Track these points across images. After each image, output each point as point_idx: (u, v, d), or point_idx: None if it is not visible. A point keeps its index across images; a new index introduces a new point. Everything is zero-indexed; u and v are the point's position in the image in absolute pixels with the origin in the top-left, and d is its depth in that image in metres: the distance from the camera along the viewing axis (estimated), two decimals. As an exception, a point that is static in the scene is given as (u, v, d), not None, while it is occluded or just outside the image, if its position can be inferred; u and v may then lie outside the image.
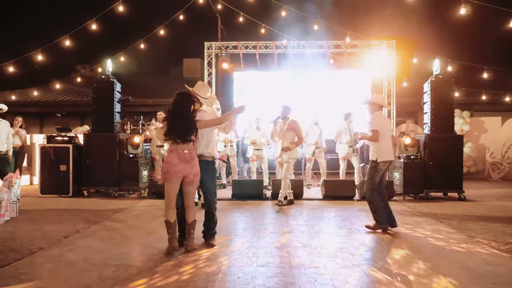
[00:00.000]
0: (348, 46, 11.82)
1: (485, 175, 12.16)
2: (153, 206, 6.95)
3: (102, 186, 8.05)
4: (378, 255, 4.14)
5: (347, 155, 9.06)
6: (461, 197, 7.87)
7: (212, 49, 12.07)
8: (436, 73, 8.23)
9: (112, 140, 7.95)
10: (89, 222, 5.52)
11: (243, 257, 4.03)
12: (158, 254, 4.06)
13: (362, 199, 7.66)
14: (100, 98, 8.11)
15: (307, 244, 4.50)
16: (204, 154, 4.50)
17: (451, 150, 7.91)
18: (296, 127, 7.11)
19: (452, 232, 5.14)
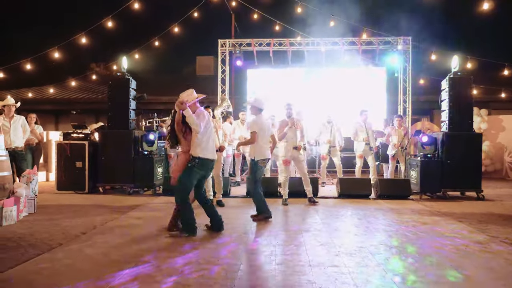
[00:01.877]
0: (363, 43, 11.70)
1: (503, 174, 11.92)
2: (169, 203, 6.95)
3: (117, 183, 8.11)
4: (399, 254, 4.06)
5: (364, 153, 8.98)
6: (480, 197, 7.71)
7: (226, 47, 12.07)
8: (455, 70, 8.06)
9: (127, 137, 7.99)
10: (106, 219, 5.55)
11: (261, 255, 3.99)
12: (176, 251, 4.05)
13: (378, 198, 7.59)
14: (115, 95, 8.15)
15: (325, 243, 4.44)
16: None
17: (470, 149, 7.75)
18: (300, 125, 7.11)
19: (472, 232, 5.02)
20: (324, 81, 12.08)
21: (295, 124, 6.94)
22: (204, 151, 4.69)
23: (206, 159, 4.72)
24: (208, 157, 4.74)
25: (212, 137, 4.85)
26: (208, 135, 4.76)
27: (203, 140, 4.68)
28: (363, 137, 8.95)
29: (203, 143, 4.69)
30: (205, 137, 4.70)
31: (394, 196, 7.57)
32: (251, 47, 11.88)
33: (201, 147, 4.68)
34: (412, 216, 6.00)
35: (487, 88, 12.07)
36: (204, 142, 4.69)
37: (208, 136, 4.74)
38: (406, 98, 12.01)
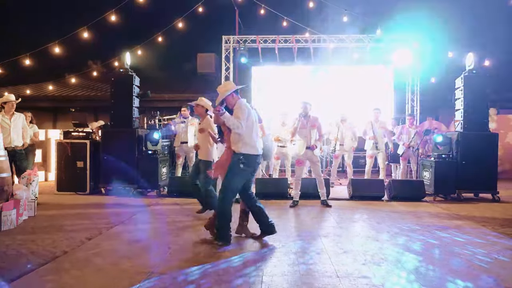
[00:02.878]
0: (371, 41, 11.42)
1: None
2: (175, 205, 6.68)
3: (120, 183, 7.77)
4: (430, 263, 3.78)
5: (373, 152, 8.73)
6: (495, 198, 7.49)
7: (230, 43, 11.77)
8: (470, 68, 7.81)
9: (131, 136, 7.68)
10: (111, 222, 5.24)
11: (283, 264, 3.71)
12: (191, 259, 3.76)
13: (392, 200, 7.33)
14: (118, 92, 7.83)
15: (348, 250, 4.16)
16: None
17: (485, 149, 7.51)
18: (318, 124, 6.83)
19: (500, 238, 4.76)
20: (331, 79, 11.79)
21: (312, 123, 6.68)
22: (247, 146, 4.28)
23: (251, 155, 4.30)
24: (252, 152, 4.32)
25: (255, 130, 4.39)
26: (250, 128, 4.32)
27: (245, 135, 4.27)
28: (370, 136, 8.72)
29: (245, 137, 4.28)
30: (247, 131, 4.28)
31: (408, 197, 7.32)
32: (256, 43, 11.57)
33: (243, 142, 4.28)
34: (431, 220, 5.74)
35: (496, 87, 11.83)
36: (246, 136, 4.28)
37: (250, 130, 4.31)
38: (414, 97, 11.75)
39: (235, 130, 4.20)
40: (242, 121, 4.19)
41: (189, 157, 8.68)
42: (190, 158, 8.67)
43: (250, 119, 4.33)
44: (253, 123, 4.37)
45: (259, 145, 4.41)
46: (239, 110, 4.26)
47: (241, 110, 4.25)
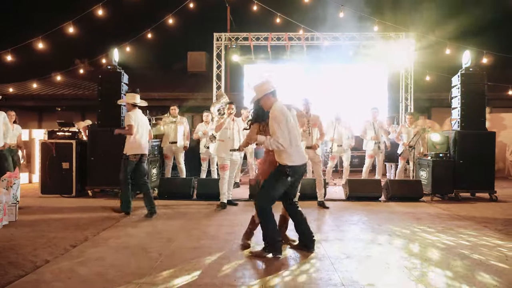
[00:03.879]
0: (365, 39, 11.27)
1: (505, 173, 11.66)
2: (166, 207, 6.38)
3: (108, 185, 7.45)
4: (437, 269, 3.58)
5: (374, 152, 8.56)
6: (493, 198, 7.38)
7: (222, 41, 11.50)
8: (466, 65, 7.67)
9: (119, 136, 7.29)
10: (98, 227, 4.94)
11: (284, 271, 3.47)
12: (184, 268, 3.49)
13: (389, 200, 7.15)
14: (106, 90, 7.49)
15: (351, 255, 3.94)
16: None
17: (483, 148, 7.40)
18: (319, 122, 6.66)
19: (504, 239, 4.60)
20: (324, 77, 11.61)
21: (313, 122, 6.51)
22: (292, 157, 3.83)
23: (296, 166, 3.86)
24: (297, 163, 3.85)
25: (295, 136, 3.87)
26: (291, 136, 3.81)
27: (287, 146, 3.78)
28: (371, 136, 8.56)
29: (287, 148, 3.79)
30: (288, 142, 3.78)
31: (405, 198, 7.16)
32: (248, 41, 11.33)
33: (287, 153, 3.82)
34: (432, 221, 5.56)
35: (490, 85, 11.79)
36: (288, 147, 3.79)
37: (290, 139, 3.80)
38: (407, 95, 11.64)
39: (277, 150, 3.83)
40: (280, 137, 3.71)
41: (177, 157, 8.39)
42: (179, 158, 8.38)
43: (289, 126, 3.81)
44: (292, 129, 3.85)
45: (302, 153, 3.96)
46: (274, 121, 3.75)
47: (276, 122, 3.74)
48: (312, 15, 11.13)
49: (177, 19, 10.75)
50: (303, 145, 6.31)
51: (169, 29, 10.77)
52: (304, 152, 4.12)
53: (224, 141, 6.32)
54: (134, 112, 5.83)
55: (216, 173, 8.77)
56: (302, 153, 4.00)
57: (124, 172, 5.70)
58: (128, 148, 5.74)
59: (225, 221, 5.46)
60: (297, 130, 3.98)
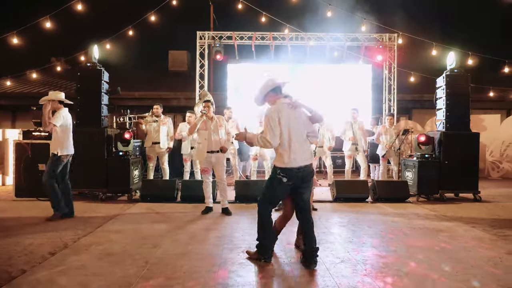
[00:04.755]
0: (349, 39, 11.27)
1: (485, 173, 11.86)
2: (150, 211, 6.14)
3: (87, 187, 7.15)
4: (435, 273, 3.50)
5: (352, 153, 8.55)
6: (477, 198, 7.45)
7: (205, 39, 11.28)
8: (451, 66, 7.73)
9: (99, 136, 7.06)
10: (78, 233, 4.67)
11: (278, 278, 3.32)
12: (173, 276, 3.29)
13: (376, 201, 7.12)
14: (85, 88, 7.18)
15: (345, 259, 3.82)
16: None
17: (467, 149, 7.48)
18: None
19: (495, 240, 4.59)
20: (308, 77, 11.54)
21: None
22: (282, 158, 3.65)
23: (289, 168, 3.62)
24: (291, 165, 3.61)
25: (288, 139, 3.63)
26: (284, 138, 3.63)
27: (278, 147, 3.65)
28: (350, 136, 8.54)
29: (278, 149, 3.67)
30: (280, 142, 3.63)
31: (392, 198, 7.14)
32: (232, 40, 11.15)
33: (278, 153, 3.70)
34: (422, 222, 5.53)
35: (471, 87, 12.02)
36: (279, 148, 3.65)
37: (283, 140, 3.62)
38: (391, 96, 11.71)
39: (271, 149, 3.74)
40: (268, 134, 3.59)
41: (161, 158, 8.13)
42: (162, 159, 8.13)
43: (283, 125, 3.62)
44: (288, 129, 3.62)
45: (299, 155, 3.64)
46: (265, 118, 3.67)
47: (267, 119, 3.64)
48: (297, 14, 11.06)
49: (159, 17, 10.47)
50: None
51: (151, 26, 10.47)
52: (305, 156, 3.69)
53: (202, 143, 5.90)
54: (63, 111, 5.58)
55: (200, 175, 8.55)
56: (301, 156, 3.65)
57: (52, 172, 5.47)
58: (60, 147, 5.50)
59: (212, 224, 5.27)
60: (298, 131, 3.69)
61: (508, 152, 11.69)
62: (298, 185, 3.67)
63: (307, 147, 3.76)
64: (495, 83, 12.68)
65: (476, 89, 11.93)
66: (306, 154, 3.71)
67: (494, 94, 11.92)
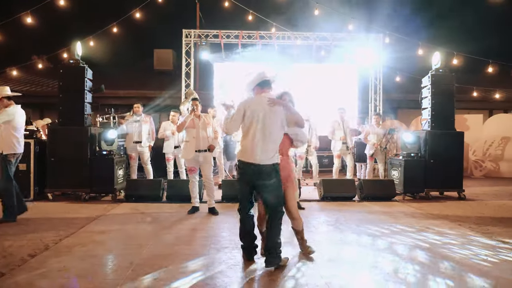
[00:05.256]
0: (336, 39, 11.30)
1: (468, 172, 12.05)
2: (135, 211, 6.01)
3: (70, 188, 6.96)
4: (424, 271, 3.50)
5: (342, 152, 8.55)
6: (461, 196, 7.53)
7: (191, 38, 11.16)
8: (436, 66, 7.81)
9: (82, 135, 6.88)
10: (60, 234, 4.52)
11: (264, 278, 3.26)
12: (159, 278, 3.21)
13: (363, 200, 7.13)
14: (67, 86, 6.98)
15: (333, 258, 3.80)
16: None
17: (453, 148, 7.55)
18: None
19: (479, 237, 4.64)
20: (296, 76, 11.52)
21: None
22: (241, 150, 3.65)
23: (242, 161, 3.61)
24: (244, 158, 3.57)
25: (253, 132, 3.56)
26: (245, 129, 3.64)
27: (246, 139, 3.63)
28: (340, 136, 8.55)
29: (241, 140, 3.72)
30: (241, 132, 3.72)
31: (379, 197, 7.17)
32: (219, 38, 11.06)
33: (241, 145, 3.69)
34: (409, 220, 5.56)
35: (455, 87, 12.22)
36: (241, 139, 3.72)
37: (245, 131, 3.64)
38: (376, 96, 11.79)
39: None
40: (228, 121, 3.69)
41: (143, 158, 7.99)
42: (144, 159, 7.99)
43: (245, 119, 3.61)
44: (255, 125, 3.54)
45: (259, 152, 3.50)
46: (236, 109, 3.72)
47: (235, 110, 3.70)
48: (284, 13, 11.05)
49: (144, 14, 10.31)
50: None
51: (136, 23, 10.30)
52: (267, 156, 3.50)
53: (189, 142, 5.78)
54: (11, 108, 5.26)
55: (184, 174, 8.44)
56: (261, 153, 3.49)
57: (8, 173, 5.16)
58: (6, 146, 5.15)
59: (199, 224, 5.19)
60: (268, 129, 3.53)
61: (490, 152, 11.91)
62: (254, 183, 3.57)
63: (272, 147, 3.55)
64: (478, 84, 12.92)
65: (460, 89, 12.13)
66: (268, 154, 3.51)
67: (477, 94, 12.11)
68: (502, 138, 11.82)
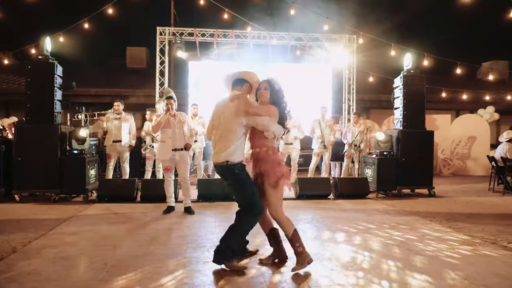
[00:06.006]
0: (310, 40, 11.41)
1: (437, 170, 12.46)
2: (108, 211, 5.85)
3: (38, 188, 6.70)
4: (401, 266, 3.57)
5: (320, 150, 8.64)
6: (431, 193, 7.77)
7: (165, 35, 10.98)
8: (408, 67, 8.02)
9: (52, 134, 6.64)
10: (29, 236, 4.34)
11: (246, 275, 3.24)
12: (135, 278, 3.12)
13: (338, 198, 7.23)
14: (36, 83, 6.72)
15: (313, 255, 3.79)
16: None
17: (423, 146, 7.78)
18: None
19: (450, 233, 4.79)
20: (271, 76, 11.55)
21: None
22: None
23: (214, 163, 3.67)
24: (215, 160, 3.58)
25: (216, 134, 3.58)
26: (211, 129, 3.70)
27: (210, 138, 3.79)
28: (318, 135, 8.65)
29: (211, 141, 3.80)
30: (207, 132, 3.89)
31: (353, 195, 7.29)
32: (194, 37, 10.94)
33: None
34: (382, 217, 5.68)
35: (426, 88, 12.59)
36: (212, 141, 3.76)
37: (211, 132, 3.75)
38: (350, 96, 11.99)
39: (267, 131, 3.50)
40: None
41: (122, 157, 7.81)
42: (123, 158, 7.80)
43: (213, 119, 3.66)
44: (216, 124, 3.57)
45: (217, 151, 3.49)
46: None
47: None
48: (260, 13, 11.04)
49: (116, 10, 10.04)
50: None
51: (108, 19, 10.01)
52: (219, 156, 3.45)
53: (166, 142, 5.69)
54: None
55: (161, 174, 8.30)
56: (217, 152, 3.49)
57: None
58: None
59: (175, 224, 5.11)
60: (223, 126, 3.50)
61: (458, 150, 12.36)
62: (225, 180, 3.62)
63: (225, 144, 3.44)
64: (446, 85, 13.37)
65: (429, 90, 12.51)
66: (221, 152, 3.44)
67: (446, 95, 12.54)
68: (468, 138, 12.29)
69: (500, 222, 5.37)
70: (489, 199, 7.45)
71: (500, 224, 5.27)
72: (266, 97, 3.54)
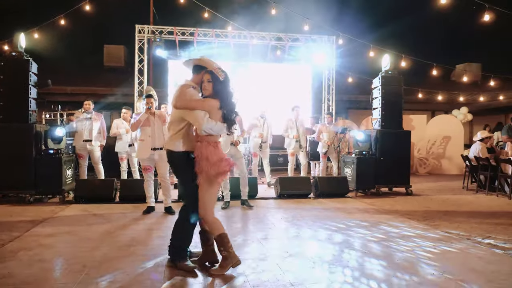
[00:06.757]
0: (290, 39, 11.48)
1: (413, 170, 12.75)
2: (86, 212, 5.72)
3: (12, 189, 6.48)
4: (382, 262, 3.64)
5: (295, 150, 8.67)
6: (409, 192, 7.94)
7: (145, 33, 10.82)
8: (386, 68, 8.18)
9: (27, 133, 6.44)
10: (3, 238, 4.19)
11: (230, 273, 3.23)
12: (115, 280, 3.06)
13: (318, 197, 7.30)
14: (9, 80, 6.50)
15: (293, 253, 3.84)
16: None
17: (400, 146, 7.93)
18: (239, 118, 6.38)
19: (427, 229, 4.92)
20: (251, 75, 11.57)
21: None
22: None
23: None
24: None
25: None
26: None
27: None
28: (294, 135, 8.65)
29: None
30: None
31: (333, 194, 7.38)
32: (173, 35, 10.83)
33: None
34: (362, 215, 5.77)
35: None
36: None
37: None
38: (329, 96, 12.13)
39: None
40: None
41: (93, 157, 7.64)
42: (95, 158, 7.64)
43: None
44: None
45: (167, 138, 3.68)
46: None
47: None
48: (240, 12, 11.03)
49: (94, 7, 9.83)
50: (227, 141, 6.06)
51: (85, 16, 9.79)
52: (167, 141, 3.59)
53: (145, 141, 5.64)
54: None
55: (138, 174, 8.18)
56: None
57: None
58: None
59: (155, 224, 5.04)
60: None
61: (433, 150, 12.69)
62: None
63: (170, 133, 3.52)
64: (422, 86, 13.72)
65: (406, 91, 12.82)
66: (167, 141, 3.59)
67: (422, 96, 12.85)
68: (443, 138, 12.64)
69: (474, 220, 5.54)
70: (464, 197, 7.67)
71: (474, 221, 5.44)
72: (209, 90, 3.36)
